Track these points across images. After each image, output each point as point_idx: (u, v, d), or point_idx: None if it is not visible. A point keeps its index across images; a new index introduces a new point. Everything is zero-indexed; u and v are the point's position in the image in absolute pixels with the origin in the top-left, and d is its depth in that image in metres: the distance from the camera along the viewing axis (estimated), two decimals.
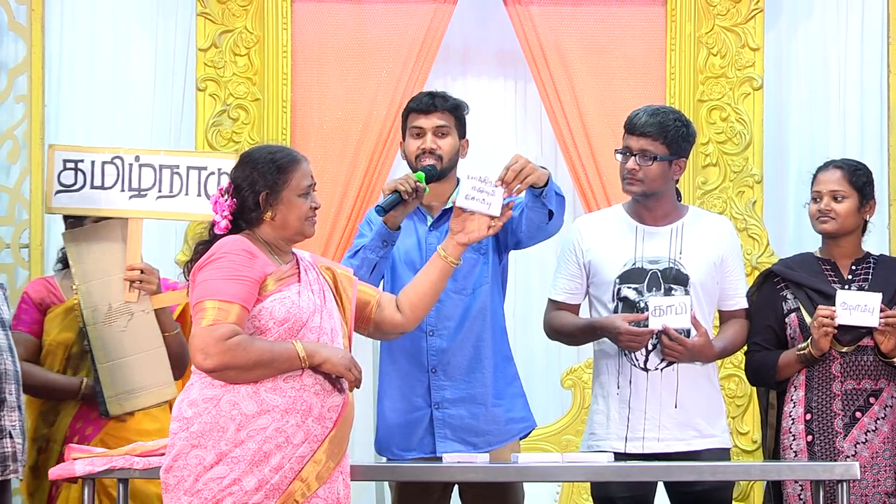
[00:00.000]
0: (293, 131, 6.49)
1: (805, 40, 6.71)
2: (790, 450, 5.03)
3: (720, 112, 6.50)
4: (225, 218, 4.19)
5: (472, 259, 4.86)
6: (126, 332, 4.94)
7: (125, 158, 5.03)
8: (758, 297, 5.19)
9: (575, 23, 6.53)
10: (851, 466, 4.41)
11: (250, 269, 4.08)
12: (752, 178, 6.47)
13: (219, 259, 4.09)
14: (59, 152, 5.02)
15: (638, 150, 4.94)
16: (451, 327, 4.85)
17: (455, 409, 4.85)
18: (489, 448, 4.82)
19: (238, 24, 6.52)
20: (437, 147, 4.88)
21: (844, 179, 5.13)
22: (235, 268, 4.07)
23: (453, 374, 4.85)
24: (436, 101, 4.92)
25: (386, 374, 4.94)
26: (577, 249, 5.07)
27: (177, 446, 4.06)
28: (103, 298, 4.96)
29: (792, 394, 5.07)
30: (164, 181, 5.01)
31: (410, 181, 4.69)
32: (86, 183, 5.00)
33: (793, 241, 6.49)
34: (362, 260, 4.74)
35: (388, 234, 4.72)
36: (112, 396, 4.91)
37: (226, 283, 4.05)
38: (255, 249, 4.14)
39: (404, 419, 4.85)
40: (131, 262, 4.96)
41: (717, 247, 5.07)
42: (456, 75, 6.72)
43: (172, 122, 6.63)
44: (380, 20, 6.54)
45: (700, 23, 6.51)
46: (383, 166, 6.49)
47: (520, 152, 6.45)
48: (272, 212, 4.19)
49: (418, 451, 4.84)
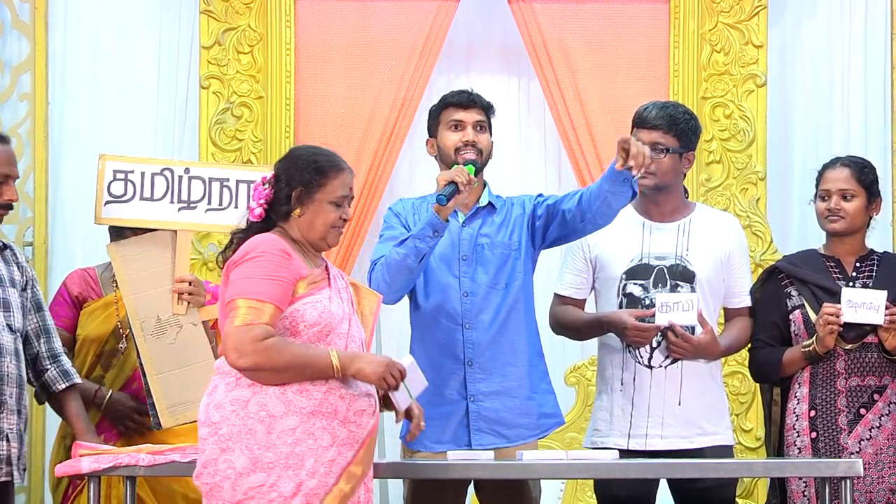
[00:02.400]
0: (296, 129, 6.49)
1: (809, 37, 6.70)
2: (794, 446, 5.03)
3: (724, 109, 6.50)
4: (260, 206, 4.21)
5: (506, 254, 4.90)
6: (176, 344, 4.94)
7: (175, 170, 5.02)
8: (762, 294, 5.19)
9: (578, 19, 6.53)
10: (855, 463, 4.41)
11: (286, 269, 4.08)
12: (755, 174, 6.47)
13: (256, 258, 4.08)
14: (110, 162, 5.02)
15: (650, 143, 4.94)
16: (486, 321, 4.86)
17: (490, 401, 4.86)
18: (521, 441, 4.85)
19: (241, 22, 6.51)
20: (477, 140, 4.91)
21: (853, 178, 5.13)
22: (271, 267, 4.06)
23: (489, 367, 4.86)
24: (474, 98, 4.99)
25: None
26: (583, 244, 5.09)
27: (206, 451, 4.05)
28: (151, 310, 4.95)
29: (796, 390, 5.08)
30: (213, 194, 5.01)
31: (465, 173, 4.75)
32: (135, 194, 5.00)
33: (797, 237, 6.48)
34: (410, 249, 4.76)
35: (440, 224, 4.74)
36: (164, 409, 4.91)
37: (261, 282, 4.04)
38: (290, 250, 4.13)
39: (437, 412, 4.85)
40: (180, 274, 4.95)
41: (724, 244, 5.08)
42: (459, 72, 6.71)
43: (176, 120, 6.63)
44: (383, 17, 6.54)
45: (703, 20, 6.50)
46: (387, 163, 6.49)
47: (523, 149, 6.57)
48: (301, 210, 4.19)
49: (452, 443, 4.85)
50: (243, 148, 6.45)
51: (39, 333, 4.88)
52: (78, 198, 6.52)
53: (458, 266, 4.89)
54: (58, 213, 6.54)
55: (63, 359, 4.90)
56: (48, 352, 4.89)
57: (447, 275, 4.89)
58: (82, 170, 6.52)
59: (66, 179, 6.55)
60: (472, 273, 4.88)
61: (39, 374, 4.88)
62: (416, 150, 6.66)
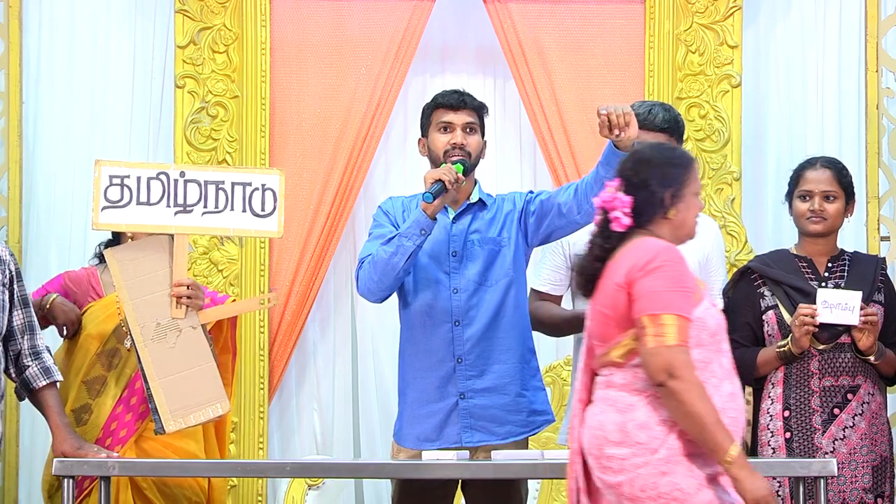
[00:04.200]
0: (272, 128, 6.47)
1: (783, 38, 6.71)
2: (768, 446, 5.05)
3: (699, 109, 6.50)
4: (626, 215, 4.01)
5: (496, 250, 4.91)
6: (176, 349, 4.92)
7: (171, 174, 5.01)
8: (735, 294, 5.21)
9: (554, 20, 6.53)
10: (829, 463, 4.43)
11: (691, 279, 3.97)
12: (730, 175, 6.48)
13: (662, 268, 3.92)
14: (106, 168, 5.00)
15: None
16: (477, 317, 4.87)
17: (481, 398, 4.86)
18: (512, 439, 4.87)
19: (217, 21, 6.50)
20: (465, 143, 4.92)
21: (835, 179, 5.16)
22: (681, 278, 3.92)
23: (480, 364, 4.86)
24: (465, 99, 4.98)
25: (409, 365, 4.95)
26: (563, 241, 5.09)
27: (641, 475, 3.86)
28: (150, 315, 4.94)
29: (770, 391, 5.10)
30: (209, 197, 5.00)
31: (452, 172, 4.77)
32: (132, 199, 5.00)
33: (771, 238, 6.49)
34: (398, 247, 4.77)
35: (428, 222, 4.76)
36: (167, 413, 4.90)
37: (678, 295, 3.90)
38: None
39: (427, 409, 4.87)
40: (178, 279, 4.95)
41: (704, 245, 5.10)
42: (435, 72, 6.71)
43: (151, 120, 6.60)
44: (359, 17, 6.53)
45: (679, 20, 6.51)
46: (362, 163, 6.48)
47: (499, 149, 6.57)
48: (675, 209, 4.05)
49: (443, 441, 4.85)
50: (218, 147, 6.43)
51: (24, 330, 4.87)
52: (53, 197, 6.50)
53: (448, 262, 4.89)
54: (32, 213, 6.51)
55: (45, 356, 4.90)
56: (30, 349, 4.88)
57: (437, 271, 4.90)
58: (57, 169, 6.51)
59: (41, 179, 6.52)
60: (461, 269, 4.89)
61: (21, 371, 4.88)
62: (391, 150, 6.66)
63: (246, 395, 6.35)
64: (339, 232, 6.46)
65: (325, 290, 6.55)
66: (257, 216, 4.99)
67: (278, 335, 6.43)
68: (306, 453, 6.54)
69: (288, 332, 6.43)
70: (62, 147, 6.51)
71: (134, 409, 5.08)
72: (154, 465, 4.88)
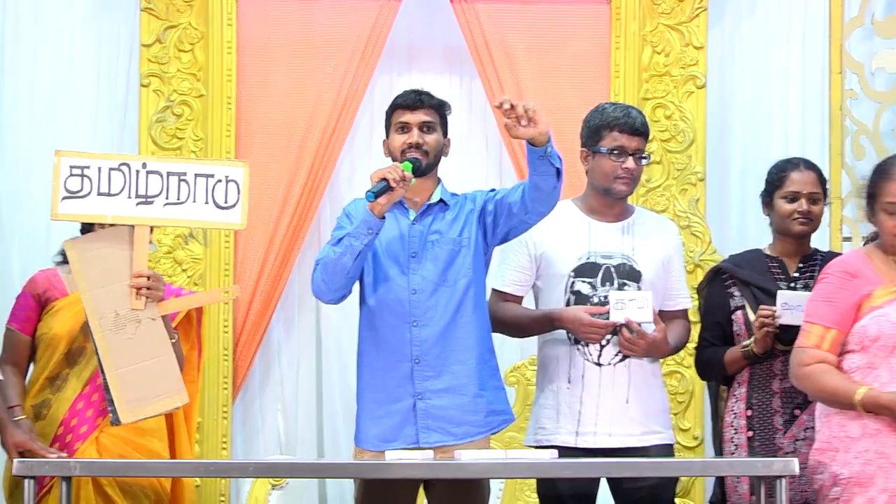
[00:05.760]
0: (238, 128, 6.46)
1: (748, 39, 6.74)
2: (731, 443, 5.09)
3: (664, 110, 6.52)
4: None
5: (456, 250, 4.90)
6: (134, 340, 4.90)
7: (132, 165, 4.98)
8: (707, 293, 5.25)
9: (520, 20, 6.54)
10: (790, 462, 4.43)
11: (845, 290, 4.57)
12: (695, 175, 6.50)
13: (822, 279, 4.65)
14: (66, 158, 4.98)
15: (635, 150, 5.01)
16: (435, 318, 4.86)
17: (438, 399, 4.86)
18: (470, 439, 4.85)
19: (182, 20, 6.48)
20: (422, 142, 4.92)
21: (818, 181, 5.20)
22: (831, 289, 4.59)
23: (437, 364, 4.86)
24: (422, 98, 4.98)
25: (367, 366, 4.93)
26: (528, 242, 5.09)
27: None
28: (110, 306, 4.92)
29: (736, 389, 5.13)
30: (171, 188, 4.98)
31: (398, 170, 4.74)
32: (92, 189, 4.98)
33: (735, 238, 6.52)
34: (346, 248, 4.77)
35: (374, 221, 4.74)
36: (123, 405, 4.88)
37: (820, 304, 4.61)
38: (860, 267, 4.59)
39: (385, 410, 4.86)
40: (138, 269, 4.94)
41: (666, 247, 5.13)
42: (402, 72, 6.71)
43: (116, 118, 6.58)
44: (325, 17, 6.52)
45: (644, 21, 6.53)
46: (328, 163, 6.47)
47: (466, 148, 6.58)
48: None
49: (402, 442, 4.84)
50: (183, 146, 6.42)
51: None
52: (16, 195, 6.47)
53: (408, 263, 4.89)
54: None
55: None
56: None
57: (396, 272, 4.89)
58: (21, 167, 6.48)
59: (5, 179, 6.49)
60: (420, 270, 4.88)
61: None
62: (357, 150, 6.66)
63: (210, 394, 6.33)
64: (304, 231, 6.46)
65: (289, 290, 6.55)
66: (220, 208, 4.97)
67: (242, 335, 6.42)
68: (270, 453, 6.53)
69: (252, 332, 6.42)
70: (27, 146, 6.48)
71: (95, 405, 5.05)
72: (116, 466, 4.85)
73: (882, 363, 4.49)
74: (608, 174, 5.03)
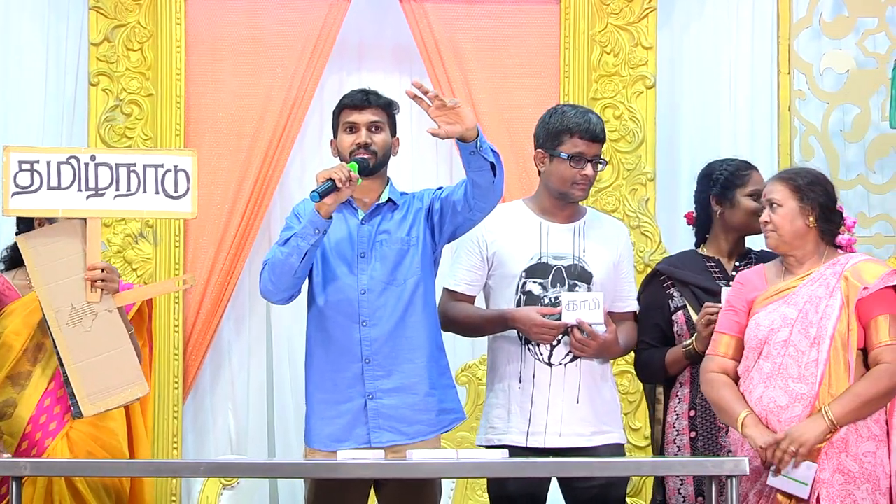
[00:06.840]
0: (187, 127, 6.44)
1: (697, 39, 6.77)
2: (673, 444, 5.09)
3: (613, 110, 6.54)
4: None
5: (404, 249, 4.90)
6: (92, 332, 4.91)
7: (81, 158, 4.98)
8: (645, 296, 5.24)
9: (469, 20, 6.55)
10: (741, 462, 4.45)
11: (731, 295, 4.85)
12: (644, 175, 6.53)
13: None
14: (15, 153, 4.97)
15: (594, 156, 5.02)
16: (384, 317, 4.86)
17: (389, 398, 4.86)
18: (422, 438, 4.86)
19: (131, 19, 6.46)
20: (371, 142, 4.91)
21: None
22: (730, 299, 4.83)
23: (387, 364, 4.86)
24: (370, 98, 4.97)
25: (316, 367, 4.93)
26: (480, 241, 5.09)
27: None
28: (65, 300, 4.92)
29: (677, 390, 5.14)
30: (121, 180, 4.98)
31: (344, 170, 4.73)
32: (42, 184, 4.95)
33: (685, 238, 6.47)
34: (293, 248, 4.77)
35: (321, 221, 4.74)
36: (84, 397, 4.87)
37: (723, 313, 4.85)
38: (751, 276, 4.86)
39: (335, 410, 4.86)
40: (92, 262, 4.92)
41: (616, 248, 5.14)
42: (351, 70, 6.70)
43: (64, 117, 6.56)
44: (275, 15, 6.51)
45: (594, 21, 6.55)
46: (278, 162, 6.47)
47: (415, 147, 6.58)
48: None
49: (353, 441, 4.84)
50: (133, 146, 6.40)
51: None
52: None
53: (357, 263, 4.89)
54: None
55: None
56: None
57: (345, 272, 4.89)
58: None
59: None
60: (369, 270, 4.88)
61: None
62: (307, 150, 6.65)
63: (160, 394, 6.32)
64: (254, 231, 6.45)
65: (239, 290, 6.54)
66: (171, 197, 4.97)
67: (193, 334, 6.40)
68: (221, 453, 6.52)
69: (202, 332, 6.41)
70: None
71: (63, 402, 5.03)
72: (66, 465, 4.84)
73: (753, 365, 4.68)
74: (566, 180, 5.04)
